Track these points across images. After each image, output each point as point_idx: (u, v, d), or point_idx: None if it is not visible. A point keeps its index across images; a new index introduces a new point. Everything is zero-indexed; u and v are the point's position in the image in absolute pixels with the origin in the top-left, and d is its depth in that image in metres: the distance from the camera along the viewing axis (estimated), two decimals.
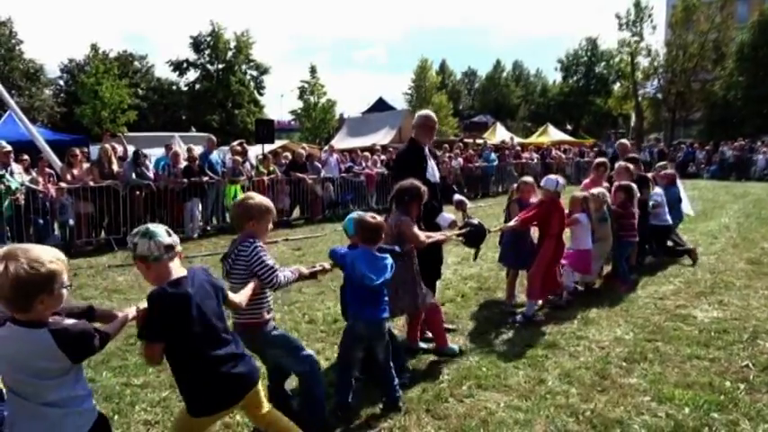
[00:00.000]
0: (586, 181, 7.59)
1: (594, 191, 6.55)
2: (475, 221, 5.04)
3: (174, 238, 2.59)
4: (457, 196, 5.24)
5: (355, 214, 4.03)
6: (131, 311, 2.56)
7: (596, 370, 4.32)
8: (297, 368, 3.43)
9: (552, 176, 5.87)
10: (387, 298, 3.74)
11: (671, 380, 4.13)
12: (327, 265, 3.72)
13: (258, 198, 3.31)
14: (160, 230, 2.55)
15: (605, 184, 7.21)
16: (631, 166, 7.44)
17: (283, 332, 3.54)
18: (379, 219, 3.75)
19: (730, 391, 3.92)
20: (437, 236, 4.63)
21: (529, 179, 6.38)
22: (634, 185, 6.96)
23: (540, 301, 5.87)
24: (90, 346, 2.15)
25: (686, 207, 9.37)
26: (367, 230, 3.68)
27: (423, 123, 5.19)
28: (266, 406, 2.92)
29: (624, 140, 10.28)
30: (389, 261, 3.68)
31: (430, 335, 4.86)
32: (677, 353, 4.65)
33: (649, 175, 8.40)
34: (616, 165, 7.62)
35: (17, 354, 2.04)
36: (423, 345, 4.78)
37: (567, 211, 6.05)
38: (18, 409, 2.12)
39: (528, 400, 3.85)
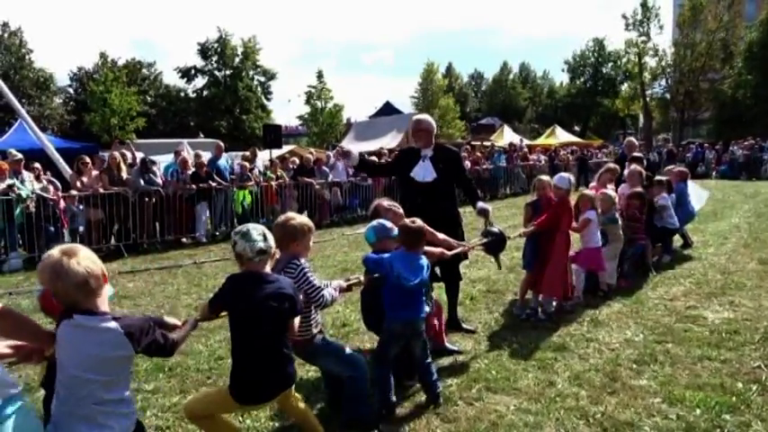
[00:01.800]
0: (593, 185, 7.61)
1: (604, 191, 6.68)
2: (496, 230, 5.08)
3: (269, 243, 2.88)
4: (480, 204, 5.24)
5: (376, 222, 4.08)
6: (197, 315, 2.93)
7: (606, 372, 4.30)
8: (347, 372, 3.54)
9: (564, 174, 6.05)
10: (424, 297, 3.84)
11: (682, 381, 4.11)
12: (362, 278, 3.81)
13: (299, 219, 3.44)
14: (257, 236, 2.84)
15: (611, 186, 7.23)
16: (642, 171, 7.55)
17: (331, 341, 3.69)
18: (420, 222, 3.81)
19: (742, 393, 3.89)
20: (459, 248, 4.65)
21: (545, 177, 6.34)
22: (644, 192, 7.20)
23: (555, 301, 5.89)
24: (152, 336, 2.29)
25: (696, 202, 9.49)
26: (409, 235, 3.76)
27: (410, 128, 5.44)
28: (300, 403, 3.20)
29: (631, 138, 10.29)
30: (425, 261, 3.78)
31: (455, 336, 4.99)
32: (688, 354, 4.62)
33: (663, 178, 8.50)
34: (627, 168, 7.66)
35: (85, 341, 2.14)
36: (450, 346, 4.80)
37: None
38: (66, 412, 2.18)
39: (538, 402, 3.84)
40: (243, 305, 2.84)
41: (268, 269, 2.94)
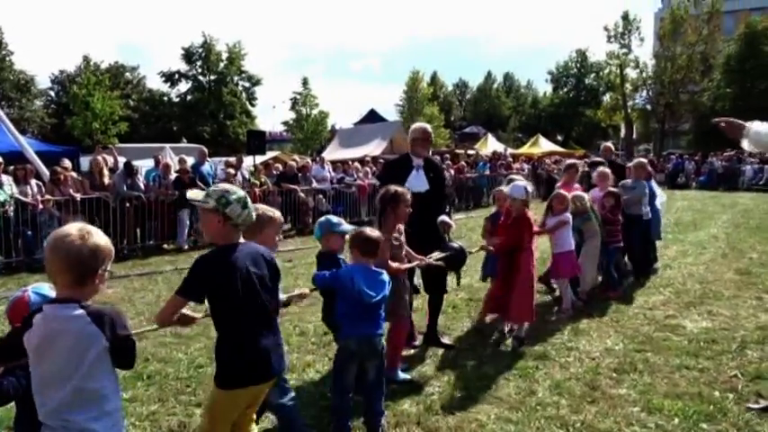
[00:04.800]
0: (559, 184, 7.30)
1: (576, 194, 6.52)
2: (455, 245, 4.92)
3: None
4: (441, 217, 5.07)
5: (323, 218, 3.98)
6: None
7: (586, 381, 4.33)
8: (274, 399, 3.18)
9: (520, 183, 5.39)
10: (383, 314, 3.62)
11: (660, 390, 4.15)
12: (306, 291, 3.63)
13: (260, 209, 3.20)
14: (251, 205, 2.74)
15: (576, 185, 7.05)
16: (610, 174, 7.30)
17: None
18: (378, 233, 3.68)
19: (719, 402, 3.94)
20: (414, 262, 4.49)
21: (504, 188, 5.82)
22: (619, 192, 7.03)
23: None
24: (125, 326, 2.13)
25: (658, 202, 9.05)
26: (366, 242, 3.55)
27: (410, 137, 5.26)
28: (254, 426, 2.93)
29: (608, 143, 10.18)
30: (386, 277, 3.59)
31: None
32: (667, 363, 4.67)
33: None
34: (596, 170, 7.51)
35: (54, 332, 2.02)
36: (402, 375, 4.48)
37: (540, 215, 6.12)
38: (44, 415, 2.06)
39: (518, 411, 3.85)
40: (235, 278, 2.59)
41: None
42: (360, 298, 3.42)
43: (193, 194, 2.80)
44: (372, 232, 3.63)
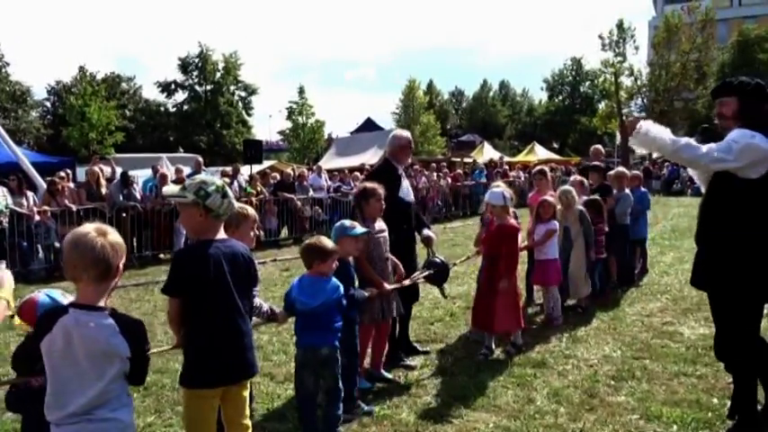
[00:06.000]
0: (532, 194, 7.09)
1: (564, 189, 6.42)
2: (438, 260, 4.95)
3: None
4: (425, 231, 5.09)
5: (338, 223, 3.98)
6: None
7: (585, 388, 4.32)
8: None
9: (497, 189, 5.19)
10: (337, 324, 3.51)
11: (659, 397, 4.14)
12: (282, 312, 3.54)
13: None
14: (231, 194, 2.71)
15: (550, 192, 6.75)
16: (585, 181, 7.11)
17: None
18: (316, 241, 3.55)
19: (717, 408, 3.93)
20: (403, 282, 4.47)
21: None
22: (600, 200, 6.77)
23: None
24: (147, 339, 2.19)
25: None
26: (302, 252, 3.57)
27: (396, 144, 5.09)
28: (248, 420, 2.86)
29: (597, 146, 9.88)
30: (333, 284, 3.45)
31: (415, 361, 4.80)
32: (665, 370, 4.66)
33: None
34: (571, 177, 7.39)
35: (83, 339, 2.04)
36: (384, 374, 4.58)
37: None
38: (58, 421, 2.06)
39: (517, 419, 3.83)
40: (208, 274, 2.56)
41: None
42: (293, 306, 3.44)
43: (169, 190, 2.78)
44: (309, 240, 3.60)
